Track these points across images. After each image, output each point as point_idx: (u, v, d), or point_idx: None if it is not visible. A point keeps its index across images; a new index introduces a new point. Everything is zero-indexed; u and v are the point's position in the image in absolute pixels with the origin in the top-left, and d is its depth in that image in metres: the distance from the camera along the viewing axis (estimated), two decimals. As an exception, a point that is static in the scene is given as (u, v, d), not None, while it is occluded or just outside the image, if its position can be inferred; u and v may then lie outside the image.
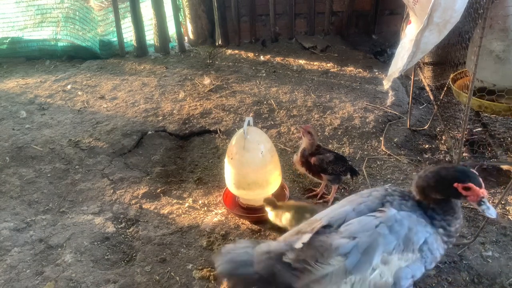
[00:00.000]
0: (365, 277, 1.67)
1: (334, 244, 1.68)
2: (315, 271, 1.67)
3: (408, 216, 1.74)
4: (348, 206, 1.82)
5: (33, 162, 3.36)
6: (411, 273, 1.73)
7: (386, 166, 3.17)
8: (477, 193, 1.67)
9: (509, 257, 2.38)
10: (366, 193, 1.89)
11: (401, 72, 2.46)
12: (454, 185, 1.68)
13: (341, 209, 1.82)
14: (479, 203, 1.68)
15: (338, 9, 5.42)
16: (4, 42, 5.33)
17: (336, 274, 1.66)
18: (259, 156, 2.60)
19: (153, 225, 2.73)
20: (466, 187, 1.67)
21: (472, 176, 1.69)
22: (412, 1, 2.33)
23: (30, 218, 2.80)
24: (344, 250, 1.66)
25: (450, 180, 1.69)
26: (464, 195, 1.69)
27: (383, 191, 1.85)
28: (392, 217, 1.72)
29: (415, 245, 1.71)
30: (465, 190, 1.67)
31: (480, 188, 1.67)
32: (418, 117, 3.83)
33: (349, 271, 1.65)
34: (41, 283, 2.32)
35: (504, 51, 2.44)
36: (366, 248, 1.66)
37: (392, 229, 1.69)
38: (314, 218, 1.87)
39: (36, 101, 4.33)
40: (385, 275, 1.69)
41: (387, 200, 1.80)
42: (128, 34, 5.43)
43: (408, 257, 1.71)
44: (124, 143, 3.56)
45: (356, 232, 1.69)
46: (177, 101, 4.20)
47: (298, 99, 4.14)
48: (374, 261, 1.66)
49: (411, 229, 1.71)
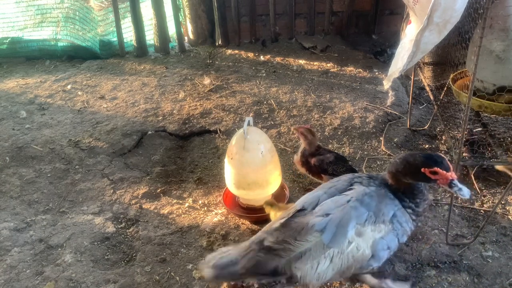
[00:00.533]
0: (343, 250, 1.78)
1: (310, 222, 1.81)
2: (295, 248, 1.77)
3: (377, 190, 1.88)
4: (320, 191, 1.96)
5: (33, 162, 3.36)
6: (386, 244, 1.84)
7: (386, 166, 3.17)
8: (445, 176, 1.76)
9: (509, 257, 2.38)
10: (336, 179, 2.05)
11: (401, 72, 2.46)
12: (421, 170, 1.77)
13: (314, 194, 1.97)
14: (450, 185, 1.77)
15: (338, 9, 5.42)
16: (4, 42, 5.33)
17: (315, 249, 1.77)
18: (259, 156, 2.60)
19: (153, 225, 2.73)
20: (433, 171, 1.76)
21: (439, 161, 1.78)
22: (412, 1, 2.33)
23: (30, 218, 2.80)
24: (319, 226, 1.78)
25: (417, 166, 1.79)
26: (433, 179, 1.78)
27: (351, 175, 2.02)
28: (362, 191, 1.86)
29: (386, 217, 1.83)
30: (433, 174, 1.77)
31: (448, 171, 1.75)
32: (418, 117, 3.83)
33: (327, 245, 1.76)
34: (41, 283, 2.32)
35: (504, 51, 2.44)
36: (339, 221, 1.78)
37: (363, 202, 1.82)
38: (291, 206, 2.01)
39: (36, 101, 4.33)
40: (361, 247, 1.80)
41: (355, 181, 1.94)
42: (128, 34, 5.43)
43: (381, 228, 1.82)
44: (124, 143, 3.56)
45: (330, 209, 1.83)
46: (177, 101, 4.21)
47: (298, 99, 4.14)
48: (349, 234, 1.78)
49: (380, 202, 1.84)
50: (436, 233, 2.55)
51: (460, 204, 2.78)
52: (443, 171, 1.75)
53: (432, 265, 2.34)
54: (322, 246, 1.76)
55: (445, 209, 2.74)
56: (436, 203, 2.79)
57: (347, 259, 1.80)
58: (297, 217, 1.87)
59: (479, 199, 2.82)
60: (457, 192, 1.77)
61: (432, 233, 2.54)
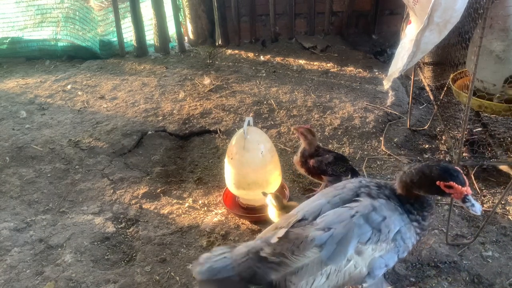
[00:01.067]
0: (341, 268, 1.71)
1: (309, 236, 1.71)
2: (292, 263, 1.70)
3: (386, 203, 1.79)
4: (323, 199, 1.85)
5: (33, 162, 3.36)
6: (384, 262, 1.78)
7: (386, 166, 3.17)
8: (460, 191, 1.70)
9: (509, 257, 2.38)
10: (341, 185, 1.93)
11: (401, 72, 2.46)
12: (436, 183, 1.71)
13: (316, 202, 1.85)
14: (464, 200, 1.72)
15: (338, 9, 5.42)
16: (4, 42, 5.33)
17: (312, 265, 1.69)
18: (259, 156, 2.60)
19: (153, 225, 2.73)
20: (449, 185, 1.70)
21: (455, 175, 1.72)
22: (412, 1, 2.33)
23: (30, 218, 2.80)
24: (319, 241, 1.69)
25: (433, 178, 1.73)
26: (447, 193, 1.73)
27: (357, 183, 1.90)
28: (369, 205, 1.76)
29: (390, 234, 1.75)
30: (448, 188, 1.71)
31: (463, 186, 1.70)
32: (418, 117, 3.83)
33: (325, 262, 1.69)
34: (41, 283, 2.32)
35: (504, 51, 2.43)
36: (341, 238, 1.69)
37: (368, 219, 1.73)
38: (291, 213, 1.91)
39: (36, 101, 4.33)
40: (359, 265, 1.73)
41: (362, 191, 1.84)
42: (128, 34, 5.43)
43: (382, 247, 1.75)
44: (124, 143, 3.56)
45: (331, 223, 1.73)
46: (177, 101, 4.20)
47: (298, 99, 4.14)
48: (349, 252, 1.70)
49: (388, 217, 1.76)
50: (436, 233, 2.55)
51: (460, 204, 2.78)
52: (459, 186, 1.70)
53: (432, 265, 2.34)
54: (320, 263, 1.69)
55: (445, 209, 2.74)
56: (436, 203, 2.79)
57: (343, 277, 1.73)
58: (296, 227, 1.78)
59: (479, 199, 2.82)
60: (469, 208, 1.72)
61: (432, 233, 2.54)
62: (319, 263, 1.69)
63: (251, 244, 1.84)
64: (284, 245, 1.73)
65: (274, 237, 1.77)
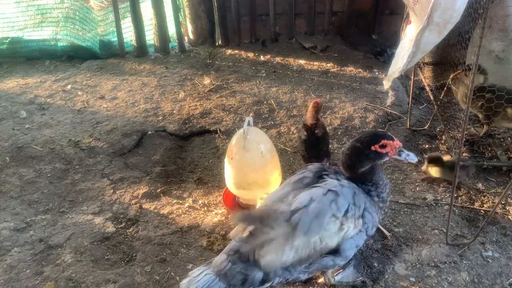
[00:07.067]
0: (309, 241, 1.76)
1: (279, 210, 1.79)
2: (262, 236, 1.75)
3: (349, 183, 1.88)
4: (287, 187, 1.93)
5: (33, 162, 3.36)
6: (355, 243, 1.87)
7: (386, 166, 3.17)
8: (393, 146, 1.85)
9: (509, 257, 2.38)
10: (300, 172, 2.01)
11: (401, 72, 2.46)
12: (372, 149, 1.83)
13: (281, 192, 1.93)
14: (399, 153, 1.87)
15: (338, 9, 5.42)
16: (4, 42, 5.33)
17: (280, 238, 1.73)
18: (259, 156, 2.60)
19: (153, 225, 2.73)
20: (382, 144, 1.82)
21: (382, 134, 1.86)
22: (412, 1, 2.33)
23: (30, 218, 2.80)
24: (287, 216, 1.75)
25: (366, 146, 1.85)
26: (384, 153, 1.86)
27: (319, 167, 1.99)
28: (337, 184, 1.85)
29: (361, 209, 1.85)
30: (382, 147, 1.84)
31: (393, 141, 1.85)
32: (418, 117, 3.83)
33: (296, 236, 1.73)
34: (41, 283, 2.32)
35: (503, 51, 2.44)
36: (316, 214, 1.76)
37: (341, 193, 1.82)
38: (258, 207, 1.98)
39: (36, 101, 4.33)
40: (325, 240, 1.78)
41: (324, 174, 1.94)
42: (128, 34, 5.44)
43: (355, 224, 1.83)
44: (124, 143, 3.56)
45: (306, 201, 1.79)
46: (177, 101, 4.20)
47: (298, 99, 4.14)
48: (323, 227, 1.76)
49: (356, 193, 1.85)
50: (436, 233, 2.55)
51: (460, 204, 2.78)
52: (391, 141, 1.84)
53: (432, 265, 2.34)
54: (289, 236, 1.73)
55: (445, 209, 2.74)
56: (436, 203, 2.79)
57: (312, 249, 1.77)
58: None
59: (479, 199, 2.82)
60: (406, 158, 1.87)
61: (432, 233, 2.54)
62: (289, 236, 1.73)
63: (227, 249, 1.87)
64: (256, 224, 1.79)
65: (245, 232, 1.84)
